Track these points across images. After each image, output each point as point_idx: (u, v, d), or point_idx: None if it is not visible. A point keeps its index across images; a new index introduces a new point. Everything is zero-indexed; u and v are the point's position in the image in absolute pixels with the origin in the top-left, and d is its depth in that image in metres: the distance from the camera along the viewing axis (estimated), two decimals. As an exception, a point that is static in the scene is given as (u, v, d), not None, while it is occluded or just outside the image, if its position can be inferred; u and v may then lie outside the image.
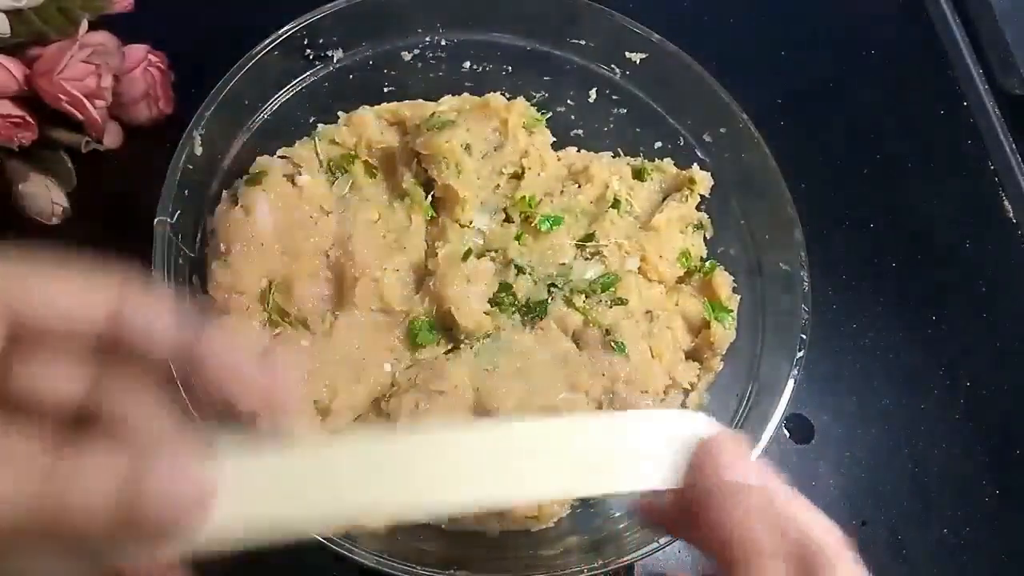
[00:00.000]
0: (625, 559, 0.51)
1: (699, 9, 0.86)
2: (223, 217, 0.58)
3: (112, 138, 0.68)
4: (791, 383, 0.57)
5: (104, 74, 0.62)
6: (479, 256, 0.61)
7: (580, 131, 0.70)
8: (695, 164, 0.67)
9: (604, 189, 0.65)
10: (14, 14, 0.59)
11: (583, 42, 0.67)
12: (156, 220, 0.54)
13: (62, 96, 0.59)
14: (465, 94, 0.67)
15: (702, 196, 0.66)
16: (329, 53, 0.65)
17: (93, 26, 0.61)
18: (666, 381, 0.60)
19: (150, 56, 0.67)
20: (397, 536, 0.54)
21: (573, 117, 0.70)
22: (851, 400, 0.70)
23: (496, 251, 0.62)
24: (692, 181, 0.65)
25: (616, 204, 0.64)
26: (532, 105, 0.66)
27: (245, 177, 0.60)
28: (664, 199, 0.66)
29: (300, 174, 0.61)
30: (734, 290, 0.63)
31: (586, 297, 0.61)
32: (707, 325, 0.62)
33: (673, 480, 0.36)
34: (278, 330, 0.56)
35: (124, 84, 0.66)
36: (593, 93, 0.69)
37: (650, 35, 0.65)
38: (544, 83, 0.69)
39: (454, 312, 0.57)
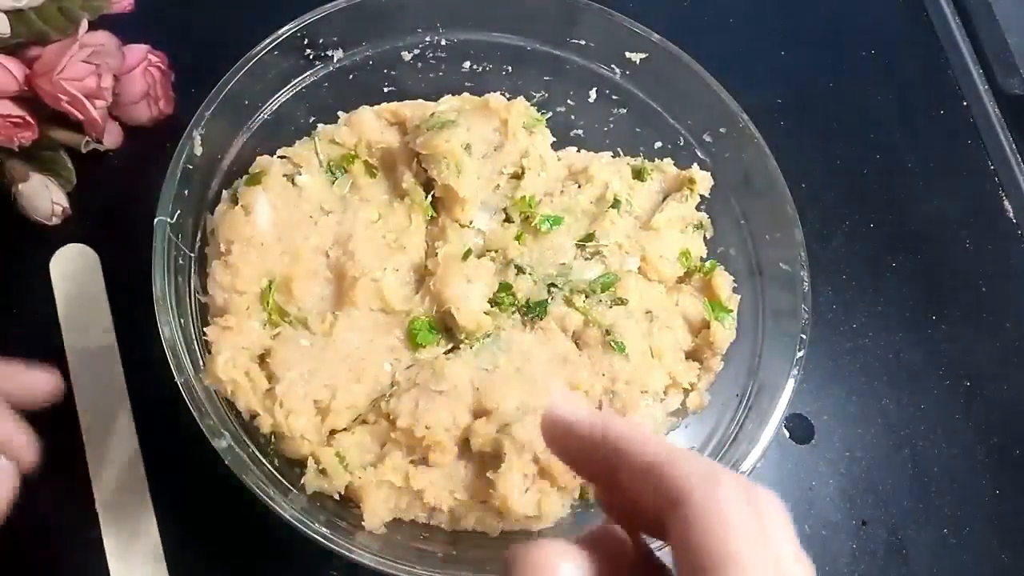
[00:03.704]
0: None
1: (699, 9, 0.86)
2: (223, 217, 0.58)
3: (112, 138, 0.68)
4: (791, 383, 0.57)
5: (104, 74, 0.62)
6: (479, 256, 0.61)
7: (580, 131, 0.70)
8: (695, 164, 0.67)
9: (604, 189, 0.65)
10: (14, 14, 0.59)
11: (583, 42, 0.67)
12: (156, 220, 0.54)
13: (62, 96, 0.59)
14: (465, 94, 0.66)
15: (702, 196, 0.66)
16: (329, 53, 0.65)
17: (93, 26, 0.61)
18: (666, 381, 0.60)
19: (150, 56, 0.67)
20: (397, 536, 0.54)
21: (573, 117, 0.70)
22: (851, 400, 0.70)
23: (496, 251, 0.62)
24: (692, 181, 0.65)
25: (616, 204, 0.64)
26: (532, 105, 0.66)
27: (245, 177, 0.60)
28: (664, 199, 0.66)
29: (300, 174, 0.61)
30: (734, 290, 0.63)
31: (586, 297, 0.61)
32: (707, 325, 0.62)
33: None
34: (278, 330, 0.56)
35: (124, 84, 0.66)
36: (593, 93, 0.69)
37: (650, 35, 0.65)
38: (544, 83, 0.69)
39: (454, 312, 0.57)
